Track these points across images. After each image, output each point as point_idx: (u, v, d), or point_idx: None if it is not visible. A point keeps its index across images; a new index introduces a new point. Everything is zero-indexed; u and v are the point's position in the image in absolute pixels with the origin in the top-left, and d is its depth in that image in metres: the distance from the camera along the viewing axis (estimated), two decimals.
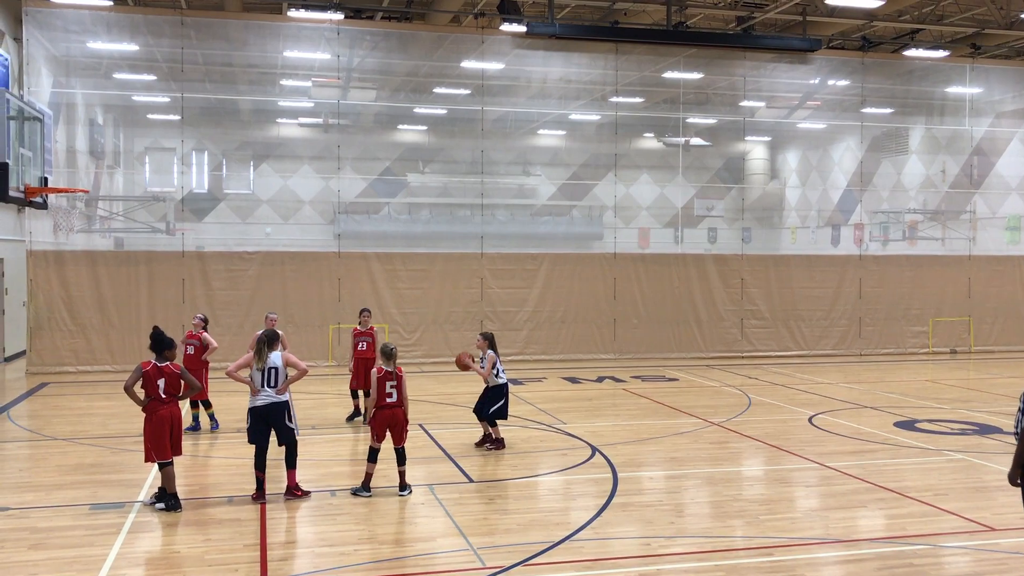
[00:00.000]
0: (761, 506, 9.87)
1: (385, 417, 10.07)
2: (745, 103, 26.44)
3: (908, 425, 14.54)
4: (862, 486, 10.60)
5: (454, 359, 12.76)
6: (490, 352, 12.40)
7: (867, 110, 26.49)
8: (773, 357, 24.46)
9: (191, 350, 13.55)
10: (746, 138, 28.20)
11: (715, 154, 29.11)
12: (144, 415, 9.51)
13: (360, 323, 14.71)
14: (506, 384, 12.54)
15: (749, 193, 28.40)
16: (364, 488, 10.09)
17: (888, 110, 27.94)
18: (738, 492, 10.51)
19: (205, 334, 13.68)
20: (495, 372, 12.39)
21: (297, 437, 10.13)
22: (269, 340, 9.99)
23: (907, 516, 9.43)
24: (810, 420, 15.04)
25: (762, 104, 27.82)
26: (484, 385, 12.54)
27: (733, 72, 25.30)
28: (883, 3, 21.13)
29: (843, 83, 26.39)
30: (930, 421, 14.90)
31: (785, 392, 18.32)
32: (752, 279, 24.83)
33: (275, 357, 9.94)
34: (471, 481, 10.86)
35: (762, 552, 8.30)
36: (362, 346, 14.49)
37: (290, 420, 10.03)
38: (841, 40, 26.91)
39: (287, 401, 10.04)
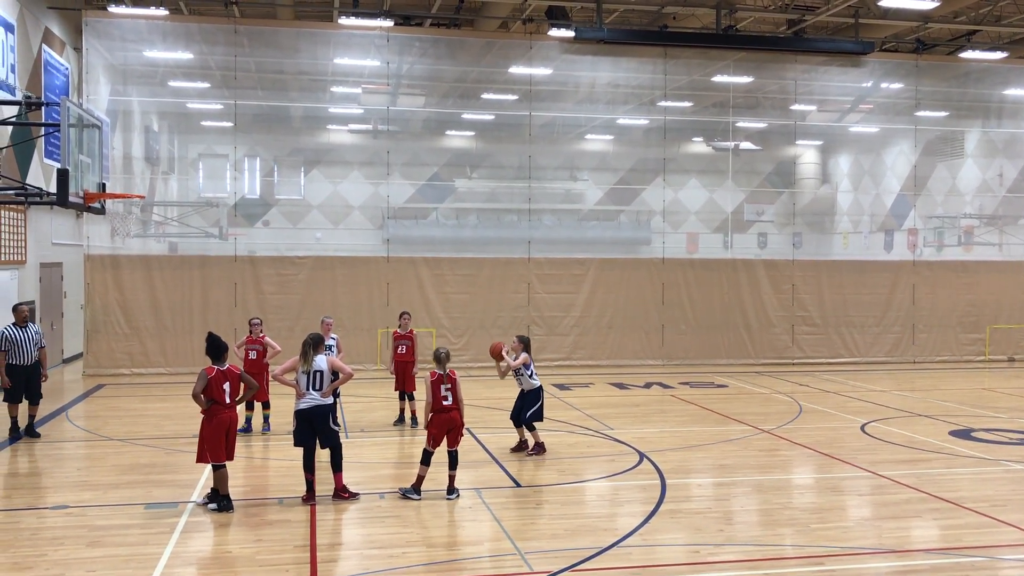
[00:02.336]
0: (812, 515, 9.73)
1: (443, 421, 10.13)
2: (796, 107, 26.13)
3: (964, 434, 14.23)
4: (916, 496, 10.41)
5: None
6: (524, 353, 12.41)
7: (921, 113, 26.01)
8: (824, 364, 24.11)
9: (253, 355, 13.74)
10: (797, 142, 27.87)
11: (765, 158, 28.80)
12: (203, 417, 9.67)
13: (400, 326, 14.79)
14: (541, 387, 12.55)
15: (800, 198, 28.05)
16: (414, 491, 10.14)
17: (943, 113, 27.40)
18: (788, 500, 10.38)
19: (267, 337, 13.90)
20: (528, 374, 12.40)
21: (343, 440, 10.23)
22: (315, 343, 10.09)
23: (963, 527, 9.24)
24: (862, 428, 14.80)
25: (813, 108, 27.47)
26: (519, 390, 12.56)
27: (784, 76, 25.02)
28: (938, 4, 20.76)
29: (896, 86, 25.96)
30: (987, 430, 14.57)
31: (836, 399, 18.05)
32: (803, 285, 24.52)
33: (320, 360, 10.05)
34: (518, 485, 10.87)
35: (813, 561, 8.18)
36: (401, 349, 14.56)
37: (335, 423, 10.14)
38: (895, 42, 26.47)
39: (332, 404, 10.14)
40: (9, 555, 8.20)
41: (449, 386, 10.17)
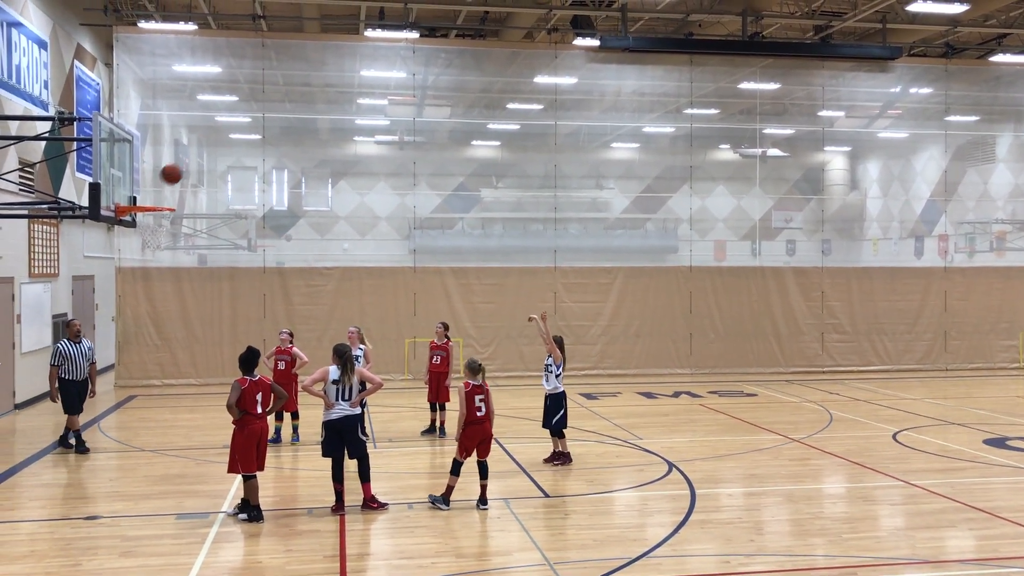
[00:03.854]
0: (844, 524, 9.63)
1: (475, 432, 10.14)
2: (824, 113, 25.94)
3: (999, 443, 14.03)
4: (950, 505, 10.27)
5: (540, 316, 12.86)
6: (557, 352, 12.41)
7: (951, 118, 25.73)
8: (855, 372, 23.87)
9: (282, 365, 13.86)
10: (825, 148, 27.65)
11: (793, 165, 28.60)
12: (235, 427, 9.74)
13: (436, 336, 14.83)
14: (563, 393, 12.53)
15: (829, 204, 27.81)
16: (444, 501, 10.15)
17: (974, 118, 27.08)
18: (820, 510, 10.27)
19: (295, 348, 14.00)
20: (557, 374, 12.38)
21: (370, 450, 10.26)
22: (350, 359, 10.12)
23: (1000, 537, 9.10)
24: (894, 437, 14.63)
25: (841, 114, 27.27)
26: (544, 395, 12.55)
27: (811, 82, 24.86)
28: (968, 8, 20.54)
29: (926, 91, 25.71)
30: (1022, 439, 14.34)
31: (868, 408, 17.86)
32: (833, 292, 24.31)
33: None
34: (546, 496, 10.85)
35: (845, 572, 8.09)
36: (436, 359, 14.60)
37: (363, 433, 10.18)
38: (923, 47, 26.22)
39: (360, 414, 10.18)
40: (44, 565, 8.30)
41: (483, 397, 10.19)
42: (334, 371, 10.00)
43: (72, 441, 13.56)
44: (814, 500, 10.77)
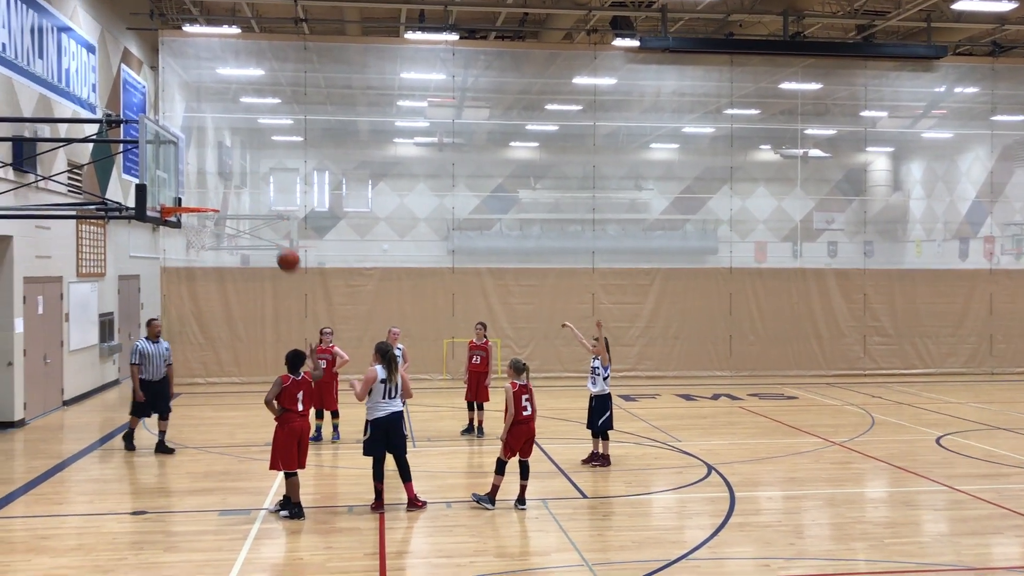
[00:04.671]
0: (886, 529, 9.52)
1: (521, 432, 10.19)
2: (866, 113, 25.61)
3: None
4: (996, 511, 10.11)
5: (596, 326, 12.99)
6: (606, 355, 12.45)
7: (998, 118, 25.27)
8: (897, 375, 23.55)
9: (323, 364, 13.98)
10: (867, 149, 27.33)
11: (835, 166, 28.29)
12: (276, 425, 9.88)
13: (476, 336, 14.90)
14: (610, 395, 12.54)
15: (871, 205, 27.48)
16: (489, 500, 10.20)
17: (1021, 117, 26.58)
18: (861, 514, 10.17)
19: (336, 347, 14.14)
20: (604, 377, 12.39)
21: (409, 449, 10.37)
22: (393, 357, 10.22)
23: None
24: (938, 441, 14.43)
25: (884, 114, 26.90)
26: (589, 396, 12.57)
27: (853, 82, 24.56)
28: (1016, 6, 20.18)
29: (971, 90, 25.28)
30: None
31: (911, 411, 17.62)
32: (875, 294, 24.00)
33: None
34: (585, 497, 10.85)
35: None
36: (476, 359, 14.68)
37: (405, 429, 10.31)
38: (969, 46, 25.81)
39: (403, 411, 10.30)
40: (92, 558, 8.48)
41: (528, 396, 10.24)
42: (381, 371, 10.07)
43: (126, 438, 13.62)
44: (855, 504, 10.66)
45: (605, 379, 12.42)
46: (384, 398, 10.07)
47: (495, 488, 10.23)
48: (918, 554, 8.66)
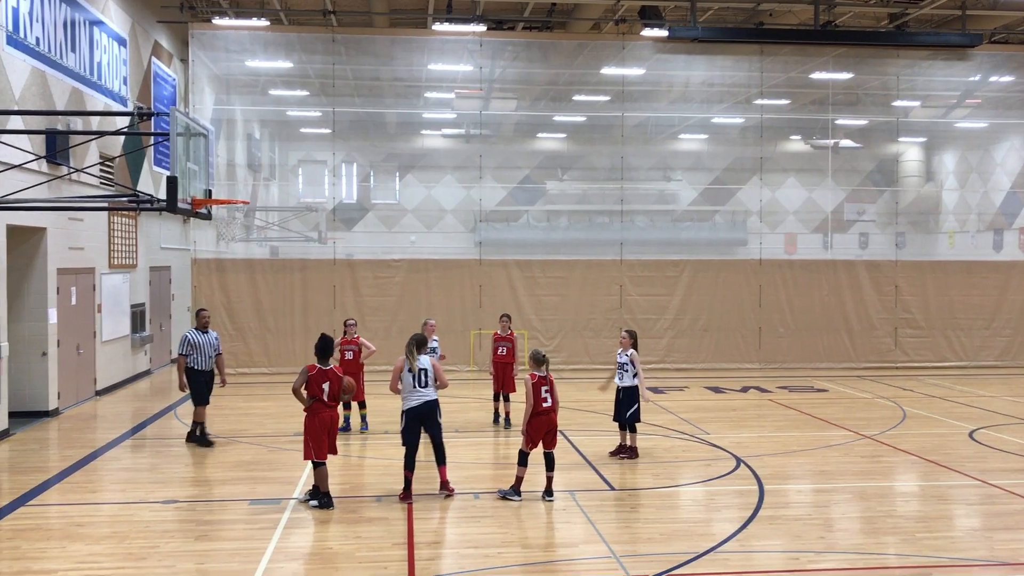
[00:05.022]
0: (917, 523, 9.43)
1: (542, 423, 10.21)
2: (898, 103, 25.29)
3: None
4: None
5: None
6: (632, 351, 12.40)
7: None
8: (929, 368, 23.28)
9: (350, 355, 14.04)
10: (899, 139, 26.97)
11: (866, 156, 27.96)
12: (306, 415, 9.96)
13: (500, 328, 14.92)
14: (637, 387, 12.48)
15: (903, 196, 27.13)
16: (515, 492, 10.23)
17: None
18: (892, 508, 10.07)
19: (361, 338, 14.20)
20: (633, 374, 12.35)
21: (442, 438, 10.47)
22: (418, 343, 10.31)
23: None
24: (971, 435, 14.25)
25: (917, 103, 26.53)
26: (616, 388, 12.53)
27: (885, 71, 24.24)
28: None
29: (1007, 79, 24.86)
30: None
31: (943, 405, 17.42)
32: (907, 286, 23.73)
33: (424, 359, 10.29)
34: (612, 489, 10.84)
35: (919, 572, 7.93)
36: (502, 351, 14.72)
37: (440, 416, 10.39)
38: (1005, 34, 25.38)
39: (437, 399, 10.37)
40: (125, 546, 8.59)
41: (548, 388, 10.26)
42: (405, 360, 10.19)
43: (199, 433, 13.42)
44: (886, 498, 10.56)
45: (634, 376, 12.38)
46: (415, 386, 10.13)
47: (519, 480, 10.26)
48: (950, 549, 8.57)
